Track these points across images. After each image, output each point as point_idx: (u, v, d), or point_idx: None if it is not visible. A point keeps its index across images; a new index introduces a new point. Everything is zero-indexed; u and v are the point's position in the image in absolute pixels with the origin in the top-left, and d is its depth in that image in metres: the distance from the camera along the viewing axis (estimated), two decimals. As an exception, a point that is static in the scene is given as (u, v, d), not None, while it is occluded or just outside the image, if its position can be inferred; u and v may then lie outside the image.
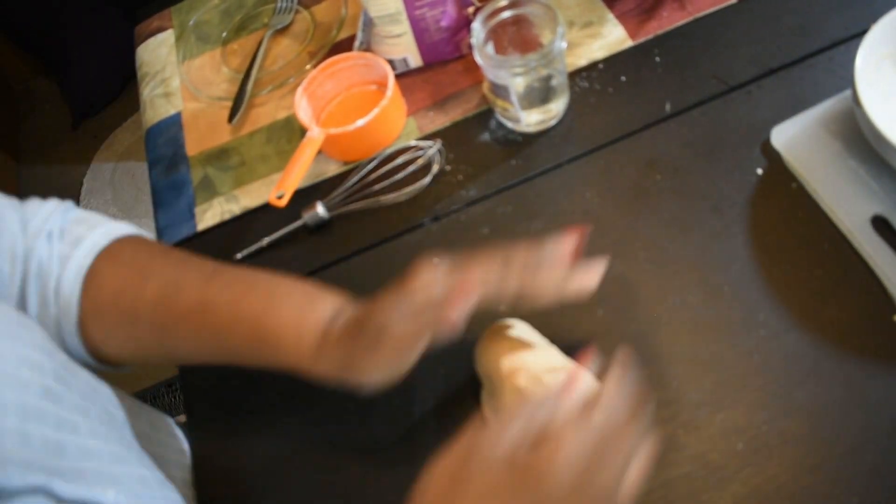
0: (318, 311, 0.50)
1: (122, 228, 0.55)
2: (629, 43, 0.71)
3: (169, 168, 0.77)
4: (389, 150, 0.70)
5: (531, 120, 0.66)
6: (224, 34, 0.87)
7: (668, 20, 0.71)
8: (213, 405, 0.61)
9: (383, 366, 0.48)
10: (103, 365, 0.53)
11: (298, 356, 0.49)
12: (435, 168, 0.68)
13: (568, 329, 0.56)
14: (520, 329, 0.53)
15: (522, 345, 0.51)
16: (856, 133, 0.56)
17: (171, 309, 0.51)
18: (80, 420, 0.44)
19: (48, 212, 0.53)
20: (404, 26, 0.71)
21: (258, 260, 0.68)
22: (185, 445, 0.62)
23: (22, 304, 0.50)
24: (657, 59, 0.69)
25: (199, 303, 0.51)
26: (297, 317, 0.50)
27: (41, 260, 0.51)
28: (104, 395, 0.50)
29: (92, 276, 0.51)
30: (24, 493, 0.38)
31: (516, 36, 0.66)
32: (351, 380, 0.48)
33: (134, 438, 0.51)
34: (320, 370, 0.49)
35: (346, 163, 0.72)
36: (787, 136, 0.60)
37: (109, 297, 0.51)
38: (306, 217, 0.67)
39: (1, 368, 0.40)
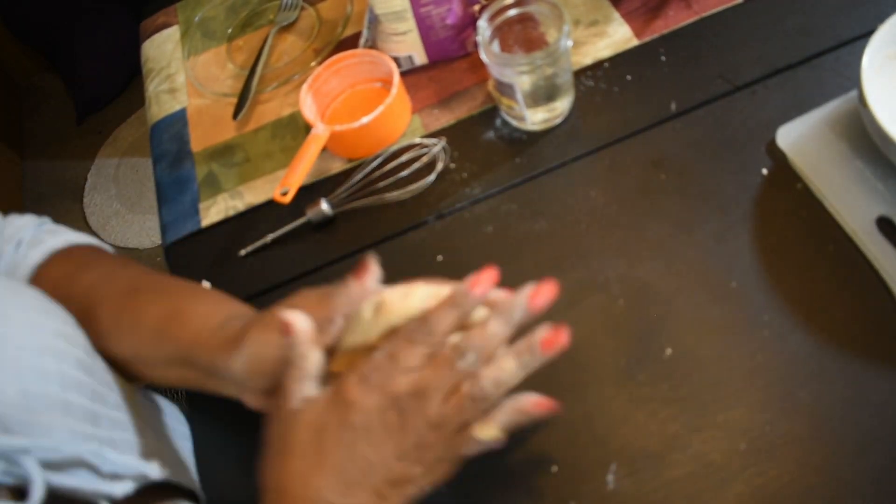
0: (234, 307, 0.52)
1: (84, 238, 0.58)
2: (635, 42, 0.71)
3: (173, 164, 0.77)
4: (394, 148, 0.70)
5: (536, 118, 0.66)
6: (229, 30, 0.87)
7: (674, 19, 0.71)
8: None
9: (265, 335, 0.46)
10: None
11: (198, 335, 0.49)
12: (439, 166, 0.68)
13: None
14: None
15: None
16: (862, 134, 0.56)
17: (98, 292, 0.53)
18: (107, 392, 0.47)
19: (23, 224, 0.57)
20: (410, 24, 0.71)
21: (262, 256, 0.68)
22: (187, 429, 0.63)
23: None
24: (663, 58, 0.69)
25: (125, 288, 0.53)
26: (211, 305, 0.51)
27: (7, 265, 0.54)
28: (124, 390, 0.52)
29: (40, 271, 0.54)
30: (72, 464, 0.41)
31: (522, 34, 0.66)
32: (233, 350, 0.47)
33: (147, 415, 0.53)
34: (211, 344, 0.48)
35: (350, 160, 0.72)
36: (792, 136, 0.60)
37: (50, 286, 0.52)
38: (310, 214, 0.67)
39: (41, 340, 0.42)
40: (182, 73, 0.85)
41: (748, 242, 0.57)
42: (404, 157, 0.68)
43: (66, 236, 0.57)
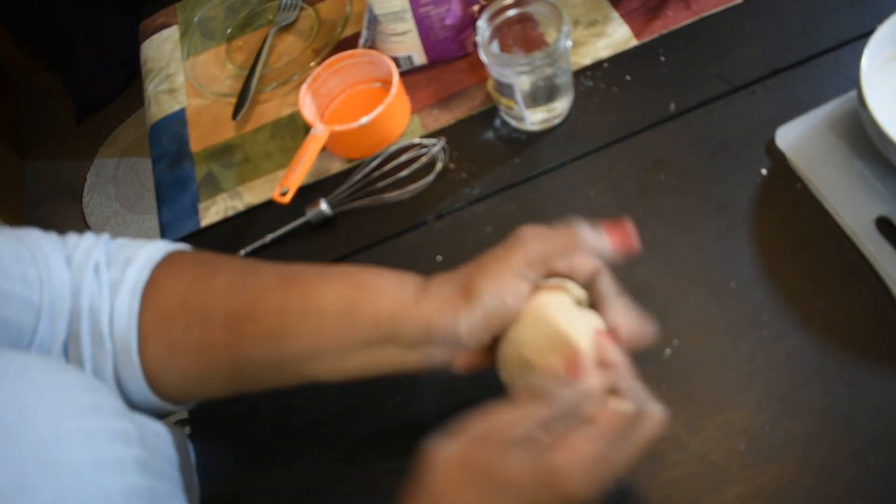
0: (413, 276, 0.46)
1: (172, 244, 0.52)
2: (634, 42, 0.71)
3: (173, 164, 0.77)
4: (393, 148, 0.70)
5: (535, 118, 0.66)
6: (229, 31, 0.87)
7: (674, 20, 0.71)
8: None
9: (502, 282, 0.42)
10: (164, 402, 0.49)
11: (400, 303, 0.44)
12: (439, 166, 0.68)
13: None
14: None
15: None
16: (861, 134, 0.56)
17: (247, 288, 0.46)
18: (165, 466, 0.44)
19: (90, 244, 0.49)
20: (409, 24, 0.71)
21: (261, 256, 0.68)
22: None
23: (75, 347, 0.45)
24: (662, 58, 0.69)
25: (280, 277, 0.46)
26: (392, 275, 0.46)
27: (92, 294, 0.46)
28: (167, 440, 0.48)
29: (152, 287, 0.47)
30: None
31: (521, 34, 0.66)
32: (465, 305, 0.42)
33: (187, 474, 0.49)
34: (424, 308, 0.43)
35: (349, 160, 0.72)
36: (791, 136, 0.60)
37: (177, 300, 0.47)
38: (310, 214, 0.67)
39: (97, 449, 0.37)
40: (181, 74, 0.85)
41: (748, 242, 0.57)
42: (403, 158, 0.68)
43: (153, 245, 0.50)
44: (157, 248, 0.50)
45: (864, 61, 0.53)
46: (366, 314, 0.44)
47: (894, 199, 0.54)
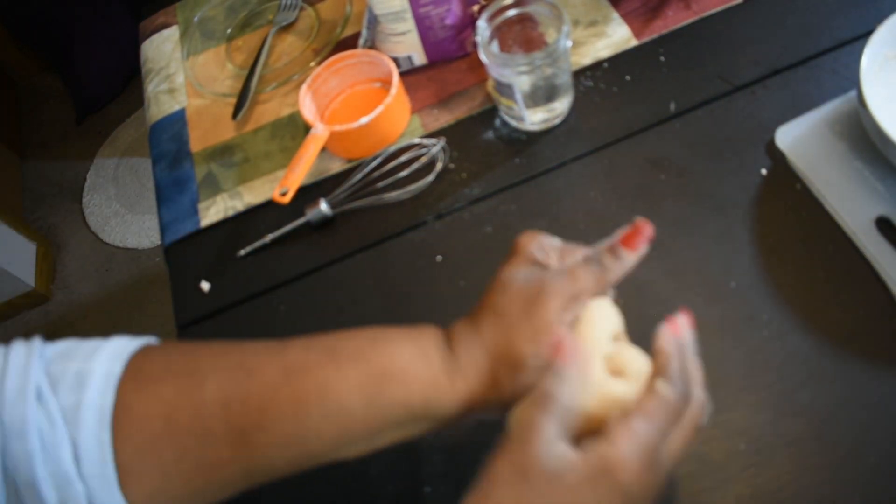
0: (429, 336, 0.42)
1: (127, 344, 0.41)
2: (634, 42, 0.71)
3: (173, 164, 0.77)
4: (393, 148, 0.70)
5: (535, 118, 0.66)
6: (228, 31, 0.87)
7: (674, 20, 0.71)
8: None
9: (544, 337, 0.39)
10: None
11: (429, 383, 0.40)
12: (439, 166, 0.68)
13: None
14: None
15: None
16: (861, 134, 0.56)
17: (249, 395, 0.39)
18: None
19: (22, 361, 0.38)
20: (409, 24, 0.71)
21: (261, 257, 0.68)
22: None
23: (31, 498, 0.36)
24: (662, 58, 0.69)
25: (282, 372, 0.40)
26: (410, 346, 0.41)
27: (41, 431, 0.36)
28: None
29: (122, 413, 0.38)
30: None
31: (521, 34, 0.66)
32: (510, 375, 0.40)
33: None
34: (460, 386, 0.40)
35: (349, 160, 0.72)
36: (791, 136, 0.60)
37: (159, 424, 0.38)
38: (310, 214, 0.67)
39: None
40: (181, 74, 0.85)
41: (747, 242, 0.57)
42: (403, 158, 0.68)
43: (105, 350, 0.40)
44: (114, 356, 0.40)
45: (864, 61, 0.53)
46: (395, 402, 0.40)
47: (894, 199, 0.54)
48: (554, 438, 0.36)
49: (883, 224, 0.54)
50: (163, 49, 0.88)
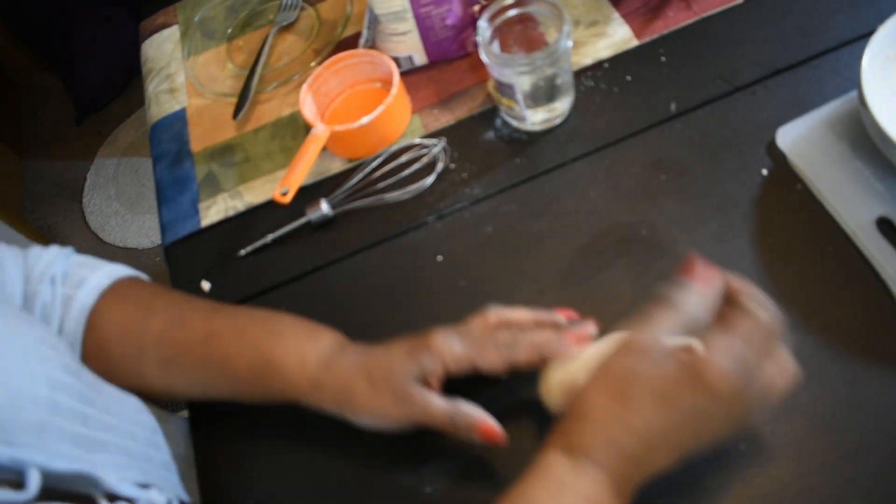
0: (319, 343, 0.52)
1: (123, 270, 0.58)
2: (635, 42, 0.71)
3: (173, 164, 0.77)
4: (394, 148, 0.70)
5: (536, 119, 0.66)
6: (229, 30, 0.87)
7: (674, 20, 0.71)
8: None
9: (382, 410, 0.49)
10: None
11: (300, 383, 0.51)
12: (439, 166, 0.68)
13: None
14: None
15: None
16: (861, 134, 0.56)
17: (176, 340, 0.53)
18: (94, 396, 0.47)
19: (51, 258, 0.55)
20: (410, 24, 0.71)
21: (262, 256, 0.68)
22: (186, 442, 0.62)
23: None
24: (663, 58, 0.69)
25: (204, 333, 0.53)
26: (299, 346, 0.52)
27: (45, 304, 0.53)
28: (136, 409, 0.54)
29: (97, 314, 0.53)
30: (70, 481, 0.40)
31: (522, 34, 0.66)
32: (346, 414, 0.50)
33: (134, 414, 0.53)
34: (319, 399, 0.51)
35: (350, 160, 0.72)
36: (792, 136, 0.60)
37: (116, 332, 0.53)
38: (310, 214, 0.67)
39: (25, 346, 0.42)
40: (182, 73, 0.85)
41: (748, 243, 0.57)
42: (404, 158, 0.68)
43: (105, 269, 0.56)
44: (108, 274, 0.56)
45: (865, 61, 0.53)
46: (272, 387, 0.52)
47: (894, 199, 0.54)
48: (666, 333, 0.41)
49: (883, 224, 0.54)
50: (163, 49, 0.88)
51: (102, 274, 0.56)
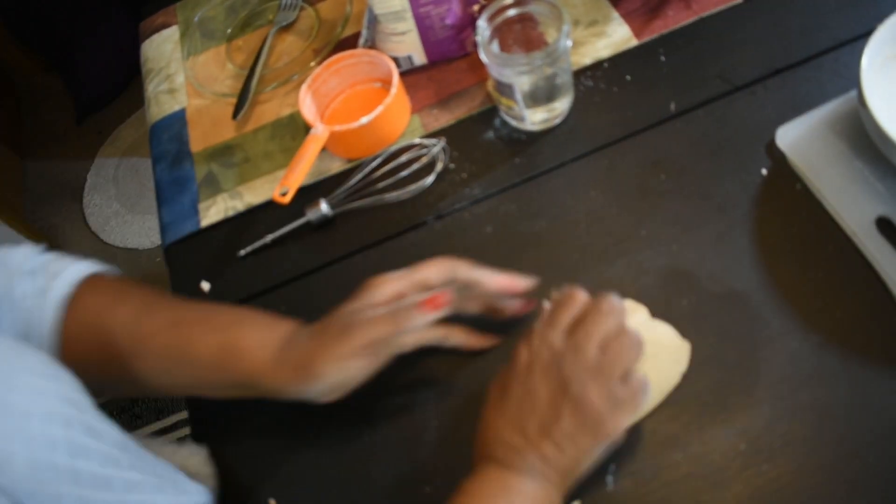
0: (280, 329, 0.54)
1: (97, 266, 0.59)
2: (634, 42, 0.71)
3: (173, 164, 0.77)
4: (393, 148, 0.70)
5: (536, 118, 0.66)
6: (229, 31, 0.87)
7: (674, 20, 0.71)
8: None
9: (342, 363, 0.50)
10: None
11: (262, 364, 0.52)
12: (439, 166, 0.68)
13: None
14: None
15: None
16: (861, 134, 0.56)
17: (141, 326, 0.55)
18: (120, 454, 0.46)
19: (24, 254, 0.56)
20: (409, 24, 0.71)
21: (261, 257, 0.68)
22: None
23: None
24: (662, 58, 0.69)
25: (170, 320, 0.55)
26: (260, 331, 0.54)
27: (24, 294, 0.54)
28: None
29: (72, 303, 0.55)
30: None
31: (521, 34, 0.66)
32: (307, 381, 0.51)
33: (161, 467, 0.52)
34: (280, 376, 0.52)
35: (349, 160, 0.72)
36: (791, 136, 0.60)
37: (90, 318, 0.54)
38: (310, 214, 0.67)
39: (47, 406, 0.41)
40: (181, 74, 0.85)
41: (748, 242, 0.57)
42: (404, 158, 0.68)
43: (81, 265, 0.57)
44: (80, 270, 0.57)
45: (864, 61, 0.53)
46: (234, 371, 0.53)
47: (894, 199, 0.54)
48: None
49: (883, 224, 0.54)
50: (163, 49, 0.88)
51: (78, 267, 0.57)
